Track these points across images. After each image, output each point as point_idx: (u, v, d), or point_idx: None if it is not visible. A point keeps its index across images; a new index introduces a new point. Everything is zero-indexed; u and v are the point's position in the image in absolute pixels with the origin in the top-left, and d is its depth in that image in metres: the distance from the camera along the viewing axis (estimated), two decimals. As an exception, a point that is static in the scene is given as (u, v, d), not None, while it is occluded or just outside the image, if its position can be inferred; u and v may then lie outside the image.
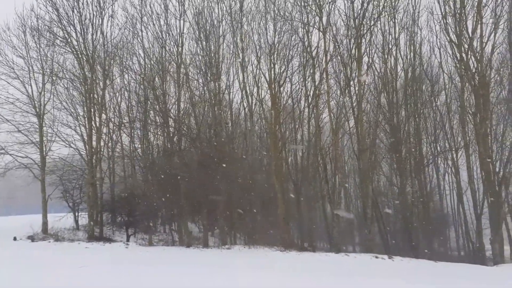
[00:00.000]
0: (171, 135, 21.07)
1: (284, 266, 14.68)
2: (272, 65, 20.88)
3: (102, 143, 21.26)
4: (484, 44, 19.42)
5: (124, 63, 21.94)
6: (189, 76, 21.75)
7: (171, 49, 21.59)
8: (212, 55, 21.47)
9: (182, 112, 21.74)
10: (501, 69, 20.69)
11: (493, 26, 19.46)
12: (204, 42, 21.52)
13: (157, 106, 21.39)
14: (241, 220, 20.51)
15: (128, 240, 19.58)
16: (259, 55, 21.42)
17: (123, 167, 23.12)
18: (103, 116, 21.53)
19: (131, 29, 21.76)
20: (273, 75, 20.79)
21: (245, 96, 22.12)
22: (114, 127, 22.83)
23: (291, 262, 15.85)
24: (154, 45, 21.74)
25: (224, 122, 21.77)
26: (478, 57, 19.42)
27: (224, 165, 20.02)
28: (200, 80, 22.07)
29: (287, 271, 13.19)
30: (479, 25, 19.29)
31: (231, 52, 22.26)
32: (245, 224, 20.61)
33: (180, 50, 21.40)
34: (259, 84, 21.74)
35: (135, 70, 22.14)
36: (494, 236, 18.26)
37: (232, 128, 22.41)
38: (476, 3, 19.30)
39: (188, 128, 21.86)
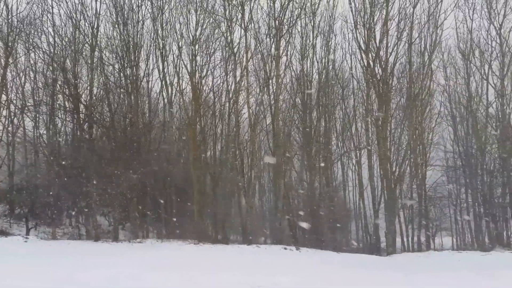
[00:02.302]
0: (82, 122, 19.86)
1: (195, 259, 14.84)
2: (193, 56, 20.73)
3: (1, 127, 19.28)
4: (389, 54, 21.40)
5: (31, 40, 20.06)
6: (104, 60, 20.66)
7: (86, 31, 20.32)
8: (130, 40, 20.64)
9: (94, 98, 20.60)
10: (401, 79, 22.91)
11: (396, 39, 21.54)
12: (121, 26, 20.58)
13: (67, 90, 19.96)
14: (155, 213, 20.13)
15: (28, 233, 18.09)
16: (180, 45, 21.10)
17: (25, 155, 21.14)
18: (3, 97, 19.53)
19: (41, 4, 20.00)
20: (194, 66, 20.66)
21: (164, 86, 21.65)
22: (16, 110, 20.81)
23: (203, 254, 16.07)
24: (67, 24, 20.24)
25: (141, 111, 21.07)
26: (383, 66, 21.35)
27: (139, 156, 19.46)
28: (116, 66, 21.09)
29: (197, 264, 13.36)
30: (385, 37, 21.21)
31: (151, 39, 21.60)
32: (158, 217, 20.25)
33: (95, 32, 20.23)
34: (180, 74, 21.42)
35: (44, 50, 20.39)
36: (388, 229, 20.33)
37: (150, 118, 21.80)
38: (383, 16, 21.20)
39: (101, 116, 20.80)
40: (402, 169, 21.83)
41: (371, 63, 21.39)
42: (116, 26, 20.37)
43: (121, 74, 20.67)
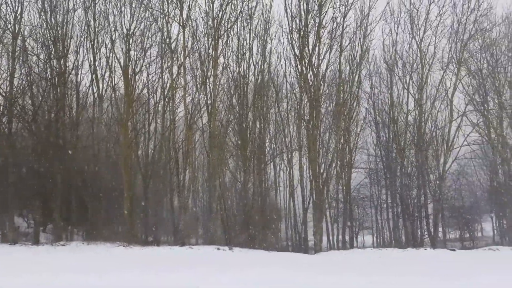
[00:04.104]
0: (0, 115, 18.21)
1: (123, 262, 14.38)
2: (127, 51, 19.94)
3: None
4: (321, 61, 22.36)
5: None
6: (27, 49, 19.12)
7: (7, 16, 18.61)
8: (59, 30, 19.34)
9: (15, 89, 18.94)
10: (332, 85, 24.04)
11: (328, 46, 22.56)
12: (49, 14, 19.22)
13: (-18, 79, 18.19)
14: (81, 213, 19.08)
15: None
16: (114, 38, 20.20)
17: None
18: None
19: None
20: (128, 61, 19.87)
21: (95, 80, 20.55)
22: None
23: (133, 257, 15.62)
24: (-16, 7, 18.39)
25: (68, 106, 19.82)
26: (315, 72, 22.27)
27: (64, 153, 18.34)
28: (42, 56, 19.63)
29: (125, 267, 12.97)
30: (318, 44, 22.13)
31: (81, 30, 20.40)
32: (85, 218, 19.23)
33: (18, 18, 18.63)
34: (113, 69, 20.50)
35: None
36: (316, 228, 21.28)
37: (77, 113, 20.55)
38: (317, 23, 22.10)
39: (23, 109, 19.23)
40: (329, 171, 22.90)
41: (304, 69, 22.19)
42: (43, 13, 18.96)
43: (47, 65, 19.29)
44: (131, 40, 19.98)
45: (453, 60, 23.18)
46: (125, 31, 19.90)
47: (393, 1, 24.98)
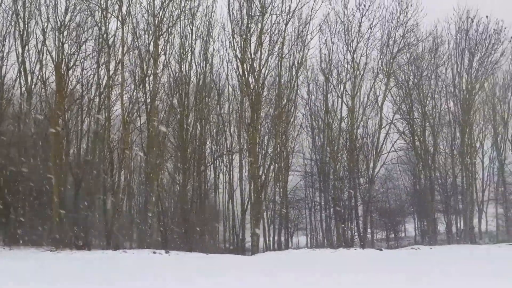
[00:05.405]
0: None
1: (50, 268, 13.51)
2: (61, 44, 18.81)
3: None
4: (262, 66, 22.71)
5: None
6: None
7: None
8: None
9: None
10: (271, 90, 24.51)
11: (269, 52, 22.97)
12: (-28, -1, 17.61)
13: None
14: (3, 216, 17.61)
15: None
16: (46, 30, 18.95)
17: None
18: None
19: None
20: (61, 55, 18.74)
21: (23, 73, 19.09)
22: None
23: (61, 262, 14.72)
24: None
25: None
26: (257, 77, 22.58)
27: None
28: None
29: (52, 274, 12.19)
30: (259, 49, 22.44)
31: (9, 18, 18.91)
32: (7, 221, 17.78)
33: None
34: (44, 62, 19.21)
35: None
36: (254, 230, 21.56)
37: (1, 107, 18.94)
38: (259, 29, 22.43)
39: None
40: (268, 173, 23.30)
41: (246, 73, 22.40)
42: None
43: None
44: (65, 33, 18.90)
45: (383, 70, 24.73)
46: (58, 23, 18.78)
47: (330, 13, 25.97)
